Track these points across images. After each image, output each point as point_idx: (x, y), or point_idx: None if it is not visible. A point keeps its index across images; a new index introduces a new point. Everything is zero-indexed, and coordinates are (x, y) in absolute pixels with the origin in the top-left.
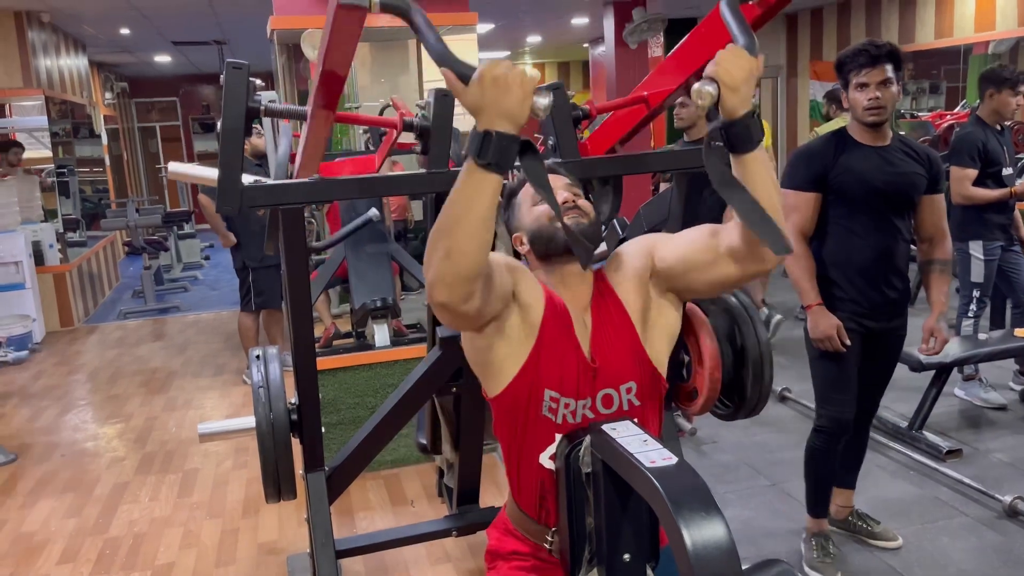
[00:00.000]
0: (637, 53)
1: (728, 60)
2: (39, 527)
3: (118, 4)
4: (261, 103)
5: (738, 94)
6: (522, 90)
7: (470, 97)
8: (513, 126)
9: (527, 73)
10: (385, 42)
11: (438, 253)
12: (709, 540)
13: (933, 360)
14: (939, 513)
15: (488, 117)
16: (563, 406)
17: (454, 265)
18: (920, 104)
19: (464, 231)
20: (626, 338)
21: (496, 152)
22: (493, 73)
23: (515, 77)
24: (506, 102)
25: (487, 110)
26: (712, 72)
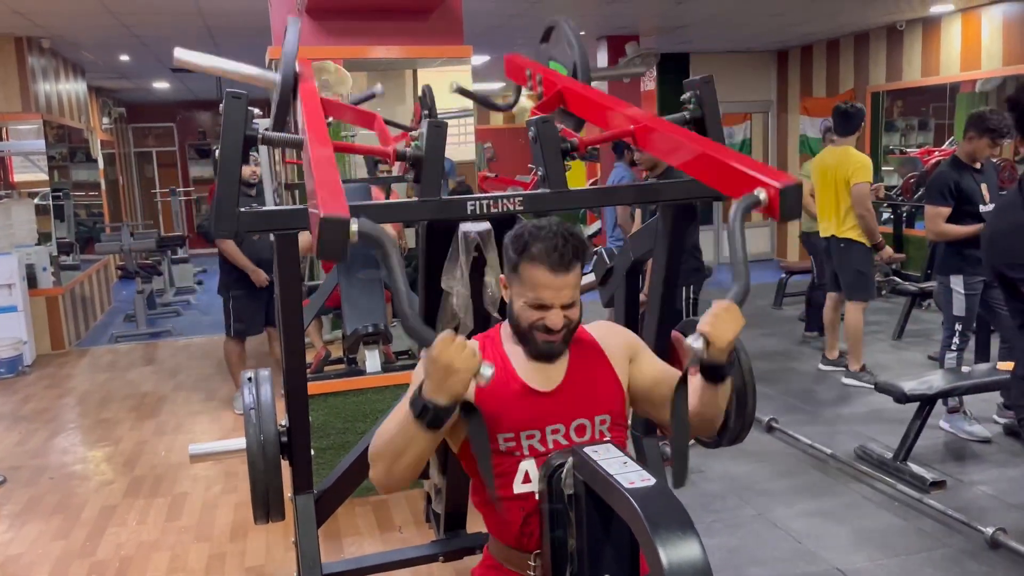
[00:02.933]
0: (630, 86)
1: (721, 321)
2: (26, 549)
3: (118, 31)
4: (258, 131)
5: (724, 352)
6: (466, 375)
7: (424, 364)
8: (451, 401)
9: (472, 355)
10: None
11: (379, 469)
12: (685, 559)
13: (918, 392)
14: (923, 544)
15: (431, 387)
16: (525, 438)
17: (394, 481)
18: (909, 140)
19: (401, 465)
20: (605, 377)
21: (432, 419)
22: (445, 357)
23: (463, 363)
24: (449, 382)
25: (432, 384)
26: (704, 330)
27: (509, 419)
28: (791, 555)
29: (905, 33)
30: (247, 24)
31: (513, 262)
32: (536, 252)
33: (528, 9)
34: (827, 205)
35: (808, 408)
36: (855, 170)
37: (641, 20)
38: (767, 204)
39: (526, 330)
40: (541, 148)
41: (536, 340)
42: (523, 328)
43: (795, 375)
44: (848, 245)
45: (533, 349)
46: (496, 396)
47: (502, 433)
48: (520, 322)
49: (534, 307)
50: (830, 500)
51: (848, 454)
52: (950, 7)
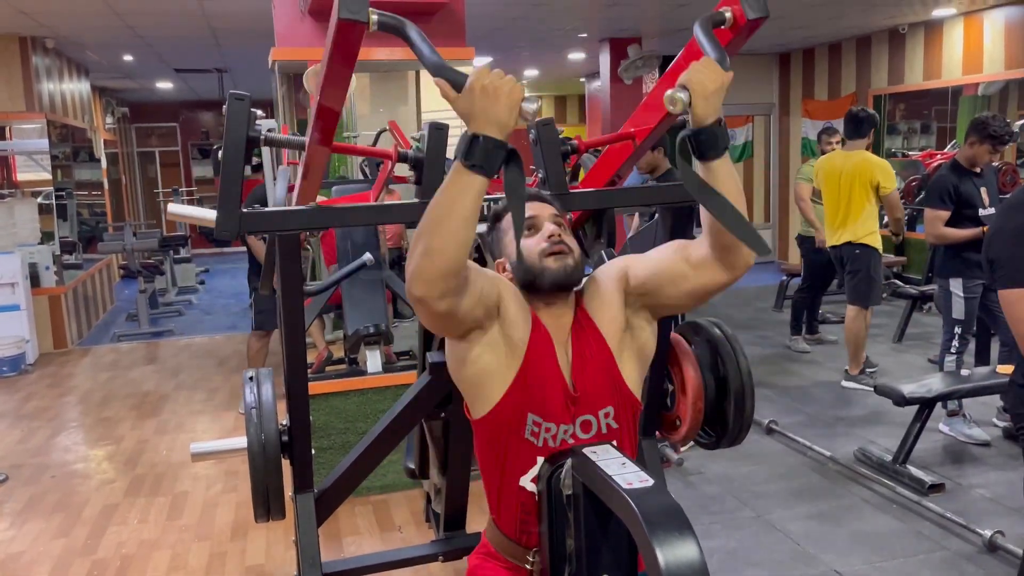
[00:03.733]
0: (632, 89)
1: (701, 70)
2: (27, 547)
3: (122, 31)
4: (261, 133)
5: (708, 102)
6: (510, 99)
7: (462, 104)
8: (500, 132)
9: (514, 82)
10: (384, 73)
11: (418, 249)
12: (682, 560)
13: (917, 395)
14: (921, 547)
15: (478, 123)
16: (544, 430)
17: (432, 262)
18: (911, 144)
19: (446, 229)
20: (603, 364)
21: (482, 155)
22: (483, 82)
23: (504, 86)
24: (494, 109)
25: (477, 116)
26: (684, 80)
27: (543, 404)
28: (789, 557)
29: (907, 36)
30: (250, 26)
31: (495, 230)
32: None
33: (530, 11)
34: (839, 210)
35: (808, 410)
36: (884, 176)
37: (643, 22)
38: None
39: (536, 264)
40: (542, 150)
41: (550, 268)
42: (534, 264)
43: (795, 377)
44: (864, 251)
45: (551, 280)
46: (540, 374)
47: (533, 413)
48: (528, 263)
49: (527, 232)
50: (829, 502)
51: (847, 457)
52: (952, 11)
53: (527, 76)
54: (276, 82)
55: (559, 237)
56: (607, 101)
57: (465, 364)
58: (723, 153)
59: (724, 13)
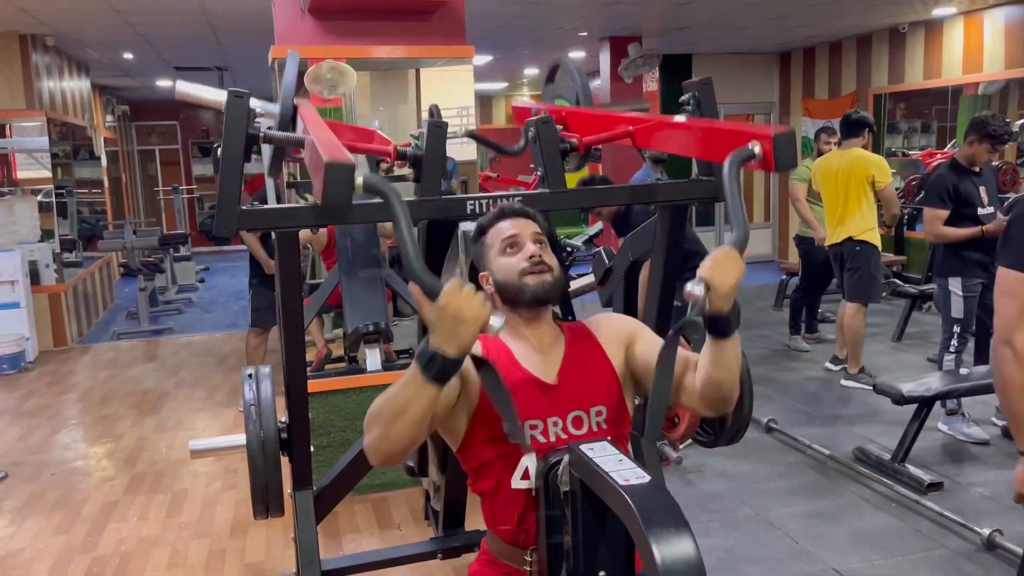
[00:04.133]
0: (632, 87)
1: (721, 267)
2: (27, 544)
3: (122, 29)
4: (260, 130)
5: (726, 299)
6: (475, 325)
7: (430, 315)
8: (459, 352)
9: (482, 304)
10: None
11: (373, 433)
12: (678, 556)
13: (915, 393)
14: (919, 545)
15: (439, 339)
16: (529, 428)
17: (387, 448)
18: (911, 143)
19: (400, 424)
20: (598, 366)
21: (439, 371)
22: (454, 305)
23: (471, 312)
24: (458, 331)
25: (440, 332)
26: (705, 276)
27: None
28: (788, 555)
29: (907, 36)
30: (251, 23)
31: (477, 240)
32: (490, 219)
33: (530, 10)
34: (837, 208)
35: (807, 409)
36: (879, 171)
37: (643, 21)
38: (761, 156)
39: (515, 282)
40: (540, 148)
41: (529, 285)
42: (511, 283)
43: (795, 376)
44: (864, 247)
45: (531, 296)
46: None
47: None
48: (507, 279)
49: (509, 251)
50: (828, 501)
51: (846, 455)
52: (952, 10)
53: (527, 75)
54: (276, 80)
55: (539, 257)
56: (607, 100)
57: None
58: (731, 334)
59: (753, 150)
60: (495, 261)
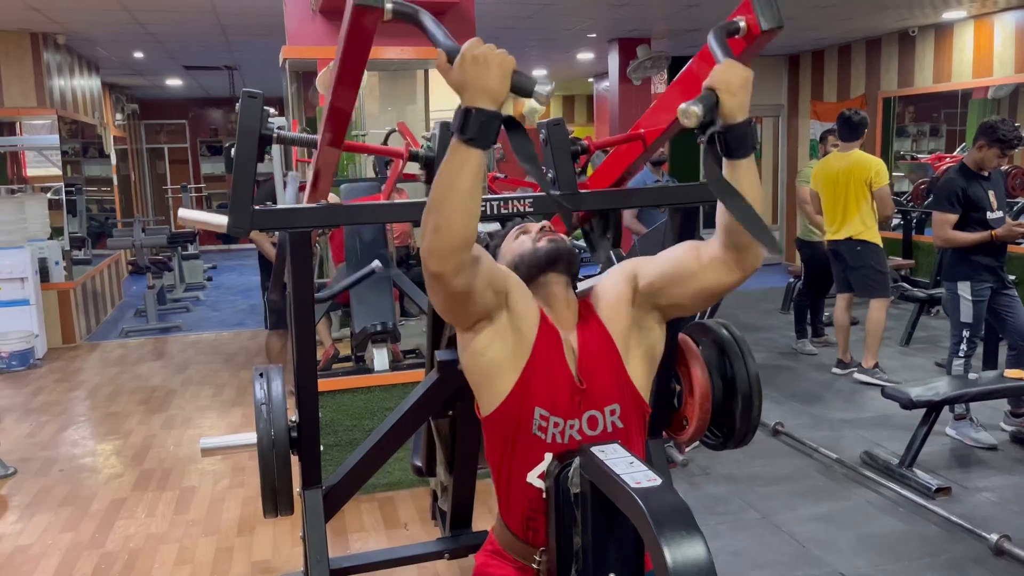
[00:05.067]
0: (641, 89)
1: (723, 69)
2: (36, 540)
3: (133, 28)
4: (273, 130)
5: (736, 98)
6: (501, 69)
7: (454, 76)
8: (492, 102)
9: (506, 54)
10: (393, 72)
11: (429, 227)
12: (689, 559)
13: (924, 398)
14: (926, 550)
15: (470, 94)
16: (552, 425)
17: (443, 237)
18: (920, 146)
19: (451, 204)
20: (609, 361)
21: (476, 128)
22: (473, 52)
23: (494, 56)
24: (485, 79)
25: (468, 87)
26: (710, 82)
27: (550, 397)
28: (794, 559)
29: (917, 39)
30: (261, 23)
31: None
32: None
33: (539, 11)
34: (837, 209)
35: (814, 412)
36: (877, 172)
37: (652, 23)
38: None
39: (531, 249)
40: (552, 150)
41: (544, 247)
42: (526, 252)
43: (802, 379)
44: (865, 246)
45: (545, 254)
46: (547, 368)
47: (540, 407)
48: (521, 251)
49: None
50: (834, 504)
51: (853, 459)
52: (963, 13)
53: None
54: (287, 80)
55: (548, 227)
56: (615, 101)
57: (475, 355)
58: (751, 152)
59: (738, 23)
60: (508, 249)
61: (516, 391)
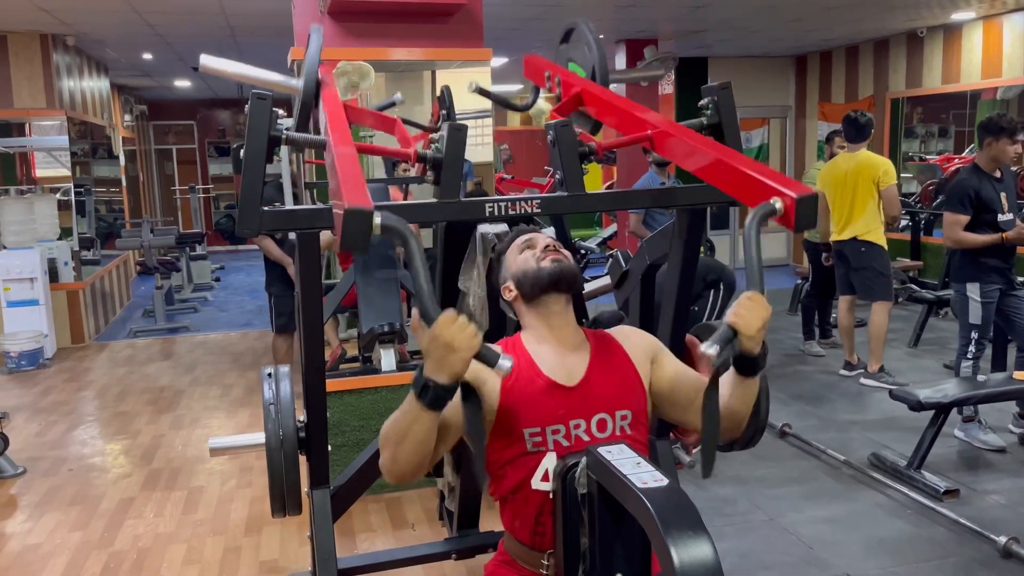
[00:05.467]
0: (648, 90)
1: (748, 311)
2: (45, 539)
3: (142, 30)
4: (282, 132)
5: (754, 340)
6: (468, 353)
7: (423, 341)
8: (451, 380)
9: (474, 336)
10: (400, 73)
11: (385, 455)
12: (696, 559)
13: (932, 400)
14: (934, 553)
15: (431, 366)
16: (551, 433)
17: (399, 467)
18: (929, 148)
19: (405, 448)
20: (625, 371)
21: (432, 399)
22: (446, 334)
23: (462, 340)
24: (448, 360)
25: (433, 360)
26: (731, 320)
27: (535, 414)
28: (801, 561)
29: (925, 40)
30: (270, 24)
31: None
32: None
33: (547, 12)
34: (843, 209)
35: (822, 413)
36: (885, 172)
37: (659, 24)
38: (783, 213)
39: (532, 268)
40: (559, 151)
41: (547, 267)
42: (530, 270)
43: (809, 380)
44: (870, 248)
45: (549, 275)
46: (523, 392)
47: (528, 428)
48: (525, 269)
49: (526, 251)
50: (842, 506)
51: (861, 461)
52: (971, 14)
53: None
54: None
55: (553, 246)
56: None
57: None
58: (758, 372)
59: (774, 204)
60: (513, 262)
61: (497, 427)
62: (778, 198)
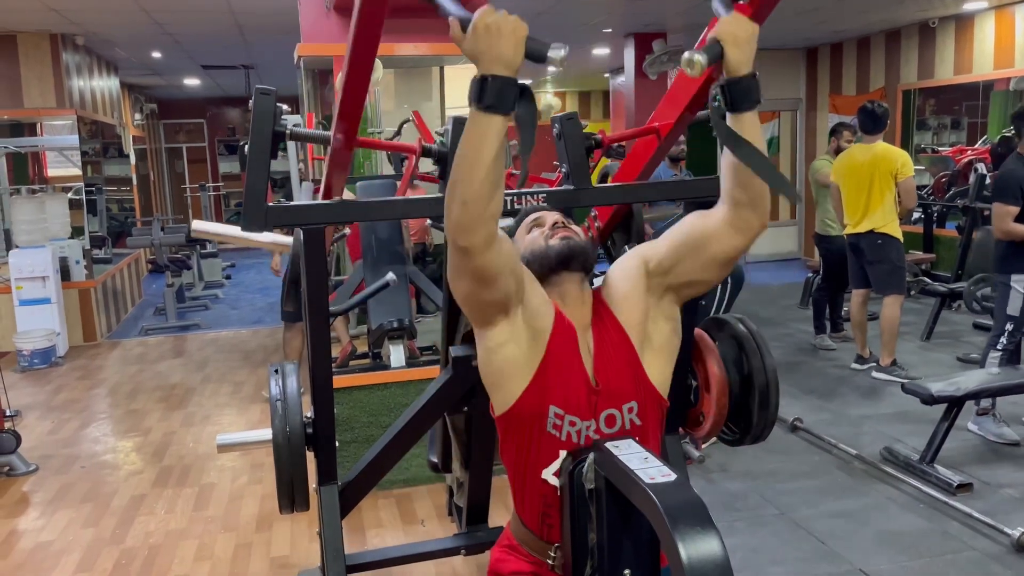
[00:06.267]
0: (657, 84)
1: (731, 22)
2: (57, 536)
3: (151, 29)
4: (287, 127)
5: (741, 50)
6: (514, 36)
7: (467, 45)
8: (507, 69)
9: (519, 20)
10: (408, 69)
11: (455, 201)
12: (705, 555)
13: (945, 393)
14: (947, 547)
15: (485, 63)
16: (568, 424)
17: (472, 209)
18: (941, 139)
19: (476, 175)
20: (625, 358)
21: (493, 94)
22: (486, 21)
23: (507, 24)
24: (499, 48)
25: (483, 56)
26: (715, 34)
27: (565, 396)
28: (813, 555)
29: (938, 30)
30: (277, 22)
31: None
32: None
33: (553, 6)
34: (859, 202)
35: (833, 408)
36: (904, 164)
37: (668, 17)
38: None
39: (542, 246)
40: (565, 145)
41: (555, 245)
42: (538, 249)
43: (821, 374)
44: (886, 240)
45: (557, 254)
46: (562, 366)
47: (555, 406)
48: (533, 248)
49: (535, 230)
50: (854, 501)
51: (873, 455)
52: (984, 4)
53: (551, 71)
54: (302, 78)
55: (562, 223)
56: (631, 96)
57: (491, 352)
58: (755, 106)
59: None
60: (522, 240)
61: (531, 389)
62: None
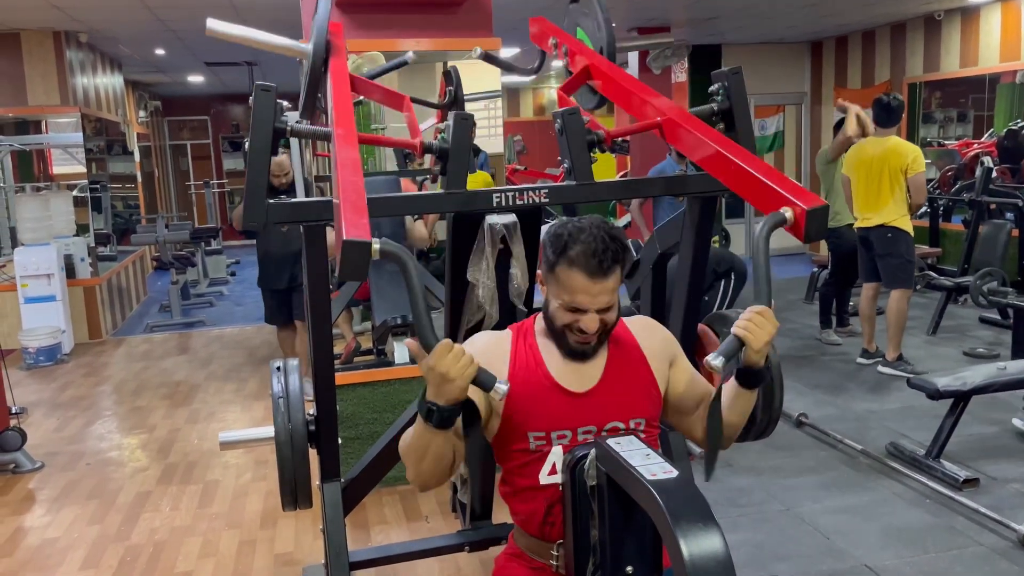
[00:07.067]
0: (661, 78)
1: (757, 326)
2: (63, 533)
3: (155, 26)
4: (287, 124)
5: (760, 354)
6: (463, 380)
7: (423, 368)
8: (450, 404)
9: (469, 364)
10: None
11: (409, 471)
12: (706, 551)
13: (951, 388)
14: (954, 542)
15: (431, 392)
16: (556, 438)
17: (423, 479)
18: (947, 133)
19: (425, 466)
20: (642, 378)
21: (439, 420)
22: (441, 366)
23: (458, 370)
24: (445, 388)
25: (432, 387)
26: (740, 333)
27: (540, 417)
28: (818, 551)
29: (943, 23)
30: (279, 17)
31: (550, 263)
32: (574, 256)
33: (557, 1)
34: (870, 195)
35: (839, 402)
36: (915, 159)
37: (672, 11)
38: (792, 223)
39: (560, 330)
40: (567, 140)
41: (569, 341)
42: (557, 328)
43: (826, 369)
44: (896, 234)
45: (566, 348)
46: (527, 393)
47: (533, 432)
48: (554, 322)
49: (569, 310)
50: (859, 496)
51: (879, 450)
52: None
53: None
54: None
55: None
56: None
57: None
58: (760, 384)
59: (784, 214)
60: (553, 301)
61: (504, 426)
62: (788, 208)
